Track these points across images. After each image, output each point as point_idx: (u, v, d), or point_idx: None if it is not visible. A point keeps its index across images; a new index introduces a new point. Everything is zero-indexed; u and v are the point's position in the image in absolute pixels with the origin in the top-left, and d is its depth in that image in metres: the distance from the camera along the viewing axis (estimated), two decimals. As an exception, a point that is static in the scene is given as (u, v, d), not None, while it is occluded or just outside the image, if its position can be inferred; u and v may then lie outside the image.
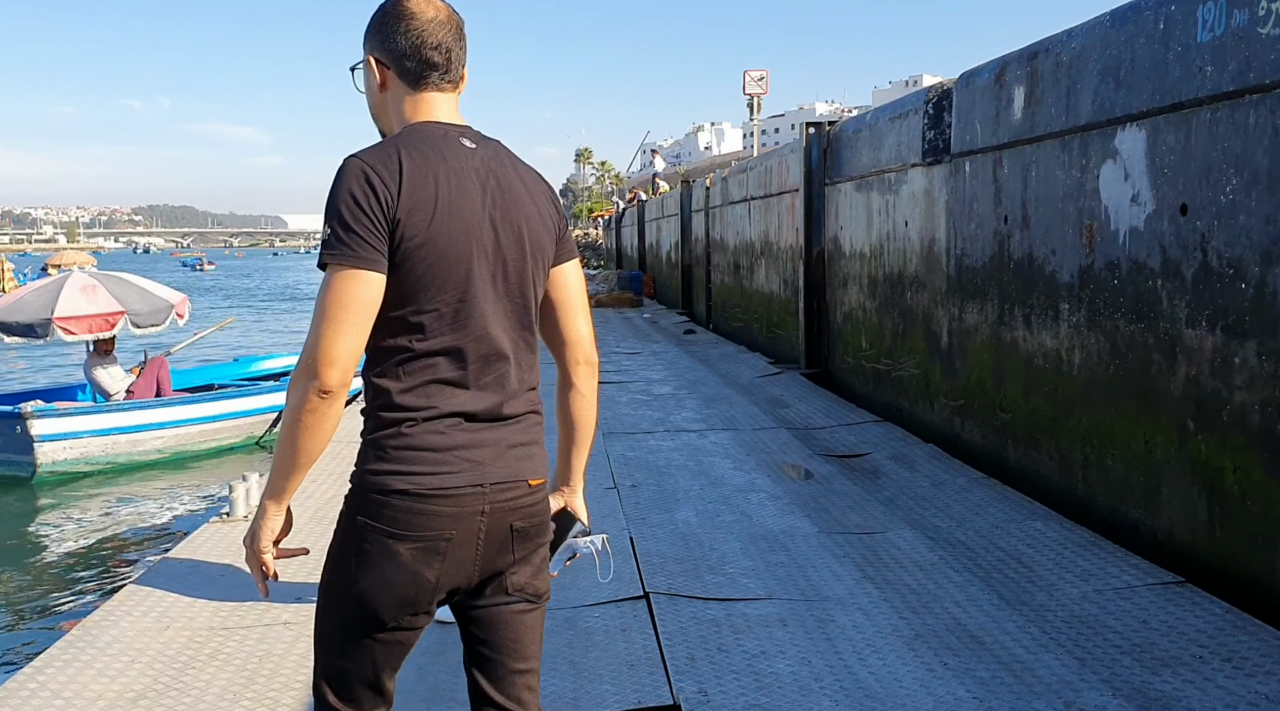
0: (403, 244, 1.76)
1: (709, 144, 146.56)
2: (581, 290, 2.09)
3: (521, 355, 1.92)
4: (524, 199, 1.93)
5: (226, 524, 5.45)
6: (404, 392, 1.81)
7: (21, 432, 9.09)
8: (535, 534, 1.94)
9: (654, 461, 6.83)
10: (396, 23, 1.90)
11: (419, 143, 1.84)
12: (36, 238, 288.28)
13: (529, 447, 1.93)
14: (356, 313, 1.73)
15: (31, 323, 9.58)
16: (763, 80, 23.96)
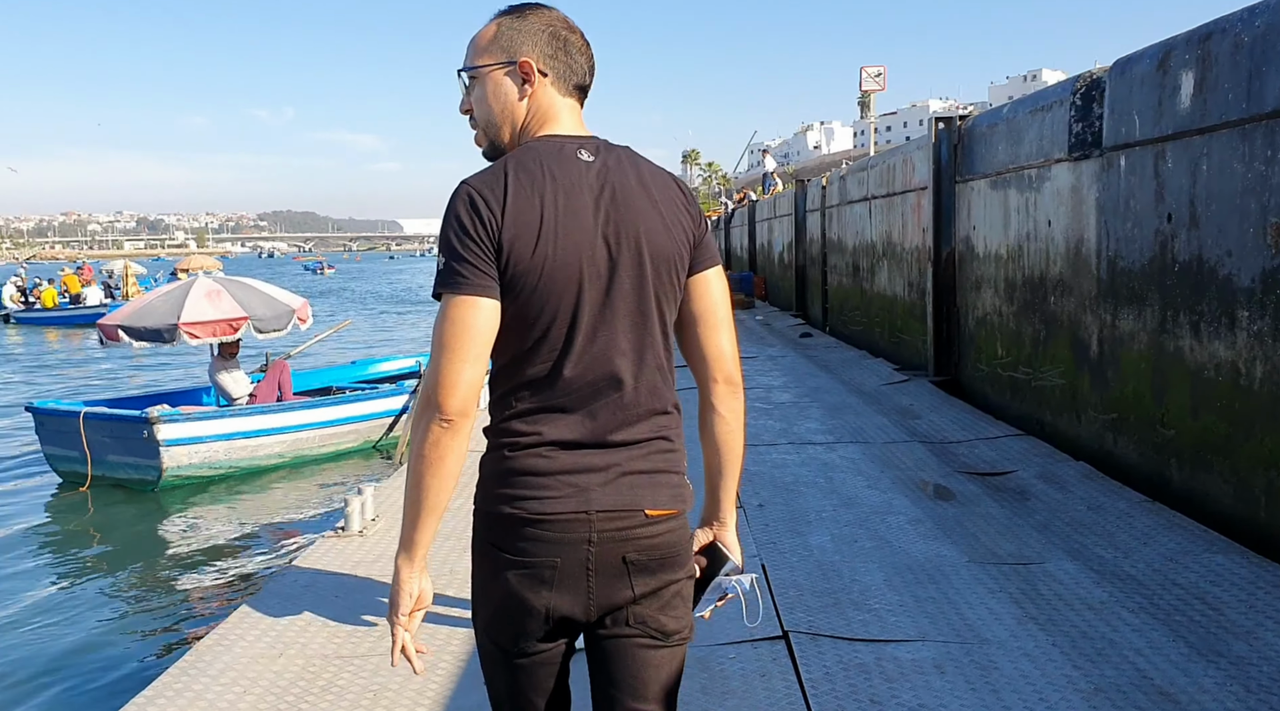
0: (509, 269, 1.71)
1: (818, 143, 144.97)
2: (723, 301, 1.92)
3: (644, 379, 1.80)
4: (645, 209, 1.80)
5: (341, 539, 5.31)
6: (513, 418, 1.77)
7: (148, 438, 9.24)
8: (658, 568, 1.80)
9: (780, 477, 6.47)
10: (549, 25, 1.86)
11: (531, 162, 1.77)
12: (169, 243, 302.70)
13: (651, 475, 1.80)
14: (472, 340, 1.69)
15: (159, 327, 9.76)
16: (880, 77, 23.25)
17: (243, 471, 10.03)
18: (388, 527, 5.59)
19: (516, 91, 1.85)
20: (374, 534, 5.45)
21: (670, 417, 1.85)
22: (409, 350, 18.02)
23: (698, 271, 1.88)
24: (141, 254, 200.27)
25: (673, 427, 1.85)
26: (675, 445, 1.85)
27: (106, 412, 9.56)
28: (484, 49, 1.87)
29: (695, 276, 1.88)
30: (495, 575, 1.76)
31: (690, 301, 1.88)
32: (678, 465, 1.85)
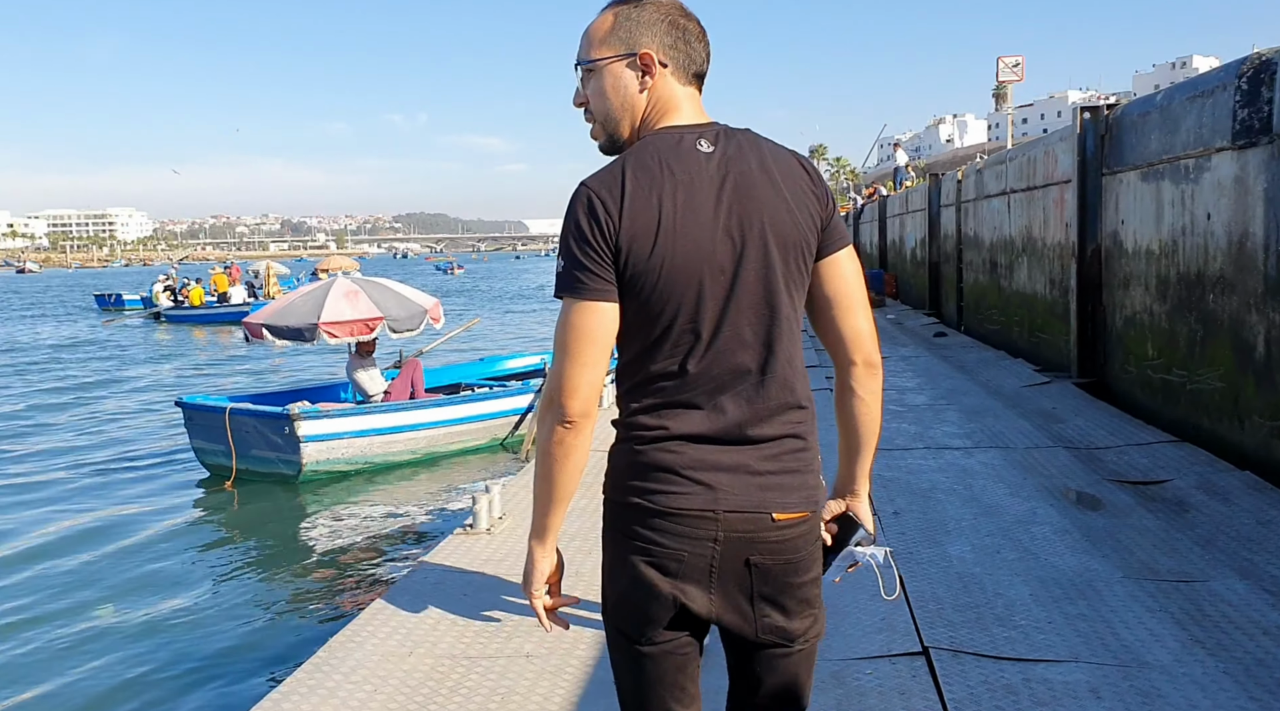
0: (628, 269, 1.71)
1: (951, 136, 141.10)
2: (856, 281, 1.86)
3: (773, 371, 1.77)
4: (768, 196, 1.76)
5: (470, 537, 5.34)
6: (640, 412, 1.77)
7: (289, 433, 9.56)
8: (783, 572, 1.77)
9: (916, 483, 6.22)
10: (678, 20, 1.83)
11: (650, 158, 1.74)
12: (310, 244, 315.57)
13: (780, 477, 1.77)
14: (590, 344, 1.72)
15: (300, 327, 10.10)
16: (1018, 67, 22.35)
17: (376, 467, 10.29)
18: (514, 525, 5.60)
19: (636, 83, 1.82)
20: (501, 532, 5.46)
21: (803, 412, 1.81)
22: (534, 348, 18.27)
23: (830, 253, 1.83)
24: (285, 255, 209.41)
25: (805, 423, 1.81)
26: (808, 443, 1.81)
27: (250, 408, 9.94)
28: (601, 41, 1.83)
29: (827, 259, 1.83)
30: (623, 561, 1.78)
31: (823, 284, 1.84)
32: (810, 464, 1.81)
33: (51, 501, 9.81)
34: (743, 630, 1.79)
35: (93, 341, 28.38)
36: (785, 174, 1.79)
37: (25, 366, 22.19)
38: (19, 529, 8.91)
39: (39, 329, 34.04)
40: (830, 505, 1.99)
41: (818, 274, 1.83)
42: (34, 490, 10.28)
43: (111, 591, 7.17)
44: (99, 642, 6.30)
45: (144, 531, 8.59)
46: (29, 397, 17.17)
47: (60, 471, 11.15)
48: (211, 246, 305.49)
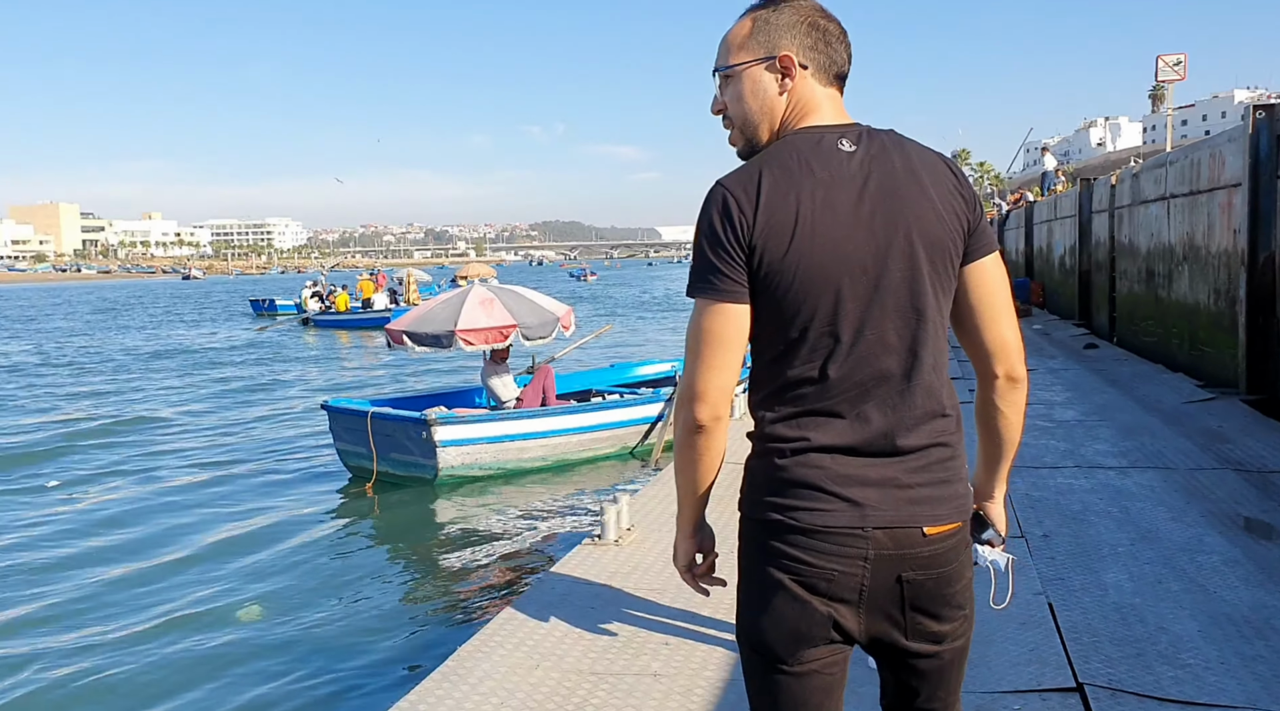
0: (762, 270, 1.66)
1: (1102, 140, 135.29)
2: (1002, 289, 1.80)
3: (918, 378, 1.70)
4: (914, 197, 1.70)
5: (597, 548, 5.29)
6: (777, 422, 1.72)
7: (427, 438, 9.75)
8: (935, 583, 1.72)
9: (1066, 505, 5.87)
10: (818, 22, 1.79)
11: (789, 157, 1.70)
12: (452, 252, 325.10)
13: (930, 488, 1.70)
14: (720, 346, 1.69)
15: (438, 334, 10.32)
16: (1179, 65, 21.07)
17: (509, 472, 10.39)
18: (642, 538, 5.52)
19: (776, 87, 1.79)
20: (629, 543, 5.39)
21: (949, 420, 1.75)
22: (666, 355, 18.25)
23: (976, 258, 1.76)
24: (428, 262, 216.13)
25: (952, 432, 1.75)
26: (956, 451, 1.75)
27: (391, 413, 10.18)
28: (740, 46, 1.81)
29: (974, 264, 1.76)
30: (764, 581, 1.72)
31: (968, 290, 1.77)
32: (959, 473, 1.75)
33: (201, 502, 10.21)
34: (895, 641, 1.74)
35: (250, 345, 29.78)
36: (931, 174, 1.73)
37: (188, 369, 23.41)
38: (167, 529, 9.30)
39: (200, 332, 35.96)
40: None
41: (963, 279, 1.76)
42: (184, 492, 10.72)
43: (252, 593, 7.37)
44: (237, 646, 6.44)
45: (286, 534, 8.85)
46: (188, 399, 18.10)
47: (211, 471, 11.63)
48: (360, 254, 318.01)
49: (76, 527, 9.30)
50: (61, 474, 11.62)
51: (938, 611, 1.74)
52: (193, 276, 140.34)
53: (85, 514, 9.82)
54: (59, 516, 9.73)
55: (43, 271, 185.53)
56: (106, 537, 8.94)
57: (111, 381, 21.18)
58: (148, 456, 12.59)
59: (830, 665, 1.74)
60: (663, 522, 5.88)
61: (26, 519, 9.63)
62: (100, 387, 20.06)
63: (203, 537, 8.87)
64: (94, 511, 9.90)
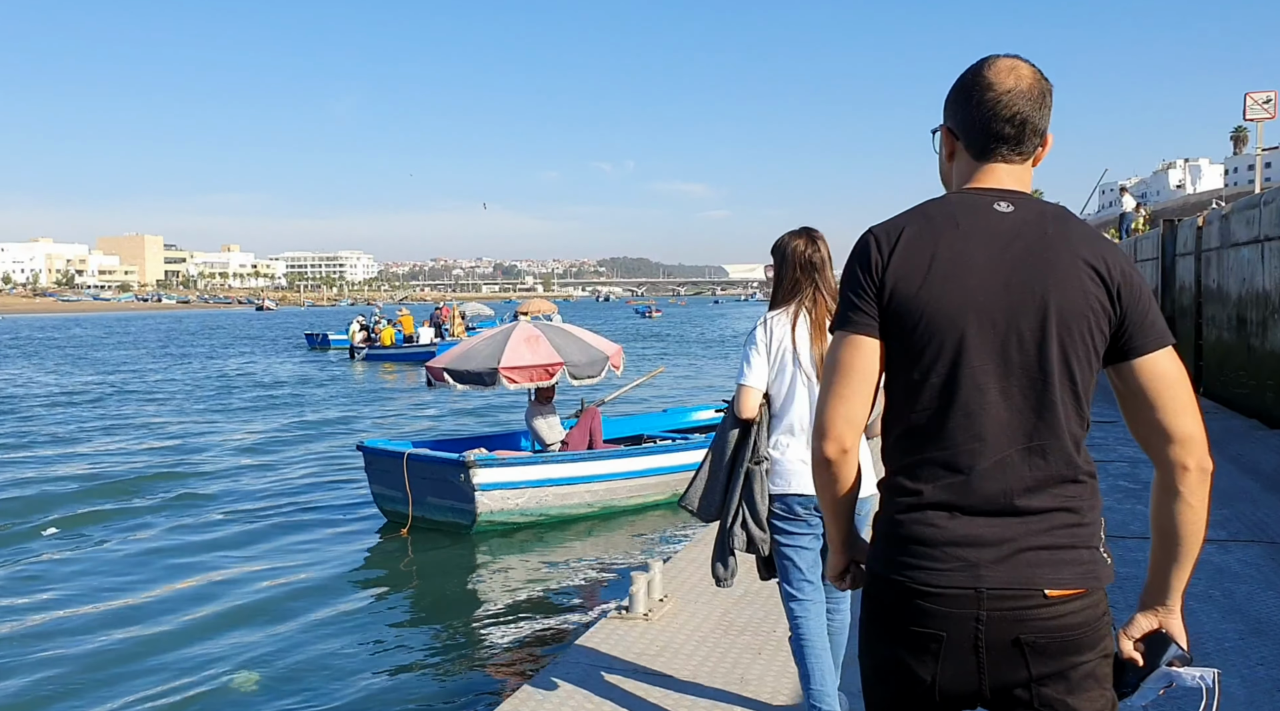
0: (891, 304, 1.72)
1: (1181, 182, 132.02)
2: (1177, 383, 1.72)
3: (1044, 439, 1.69)
4: (1063, 265, 1.70)
5: (625, 622, 4.76)
6: (899, 472, 1.75)
7: (465, 481, 9.29)
8: (1060, 650, 1.65)
9: (1159, 584, 5.19)
10: (972, 93, 1.80)
11: (937, 210, 1.78)
12: (519, 287, 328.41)
13: (1053, 552, 1.66)
14: (848, 377, 1.74)
15: (480, 371, 9.86)
16: (1269, 103, 20.09)
17: (551, 519, 9.89)
18: (677, 610, 4.97)
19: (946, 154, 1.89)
20: (660, 617, 4.85)
21: (1079, 487, 1.70)
22: (721, 399, 17.61)
23: (1142, 353, 1.72)
24: (495, 297, 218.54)
25: (1082, 497, 1.70)
26: (1084, 518, 1.70)
27: (427, 454, 9.76)
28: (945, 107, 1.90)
29: (1144, 358, 1.72)
30: (878, 642, 1.74)
31: (1136, 382, 1.73)
32: (1088, 540, 1.70)
33: (225, 545, 9.79)
34: (1024, 707, 1.67)
35: (294, 379, 29.49)
36: (1084, 251, 1.71)
37: (228, 403, 23.06)
38: (186, 571, 8.95)
39: (251, 365, 35.90)
40: (1138, 620, 1.82)
41: (1134, 373, 1.73)
42: (209, 532, 10.30)
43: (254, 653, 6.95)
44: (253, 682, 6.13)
45: (308, 585, 8.30)
46: (222, 434, 17.76)
47: (238, 512, 11.20)
48: (429, 287, 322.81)
49: (97, 568, 9.01)
50: (88, 508, 11.37)
51: (1071, 684, 1.66)
52: (266, 307, 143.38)
53: (104, 553, 9.52)
54: (82, 557, 9.46)
55: (125, 301, 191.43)
56: (125, 579, 8.62)
57: (149, 414, 20.97)
58: (175, 495, 12.16)
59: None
60: (700, 591, 5.33)
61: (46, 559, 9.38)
62: (134, 420, 19.87)
63: (220, 583, 8.48)
64: (114, 552, 9.60)
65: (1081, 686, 1.66)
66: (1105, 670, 1.71)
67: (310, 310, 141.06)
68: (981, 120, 1.79)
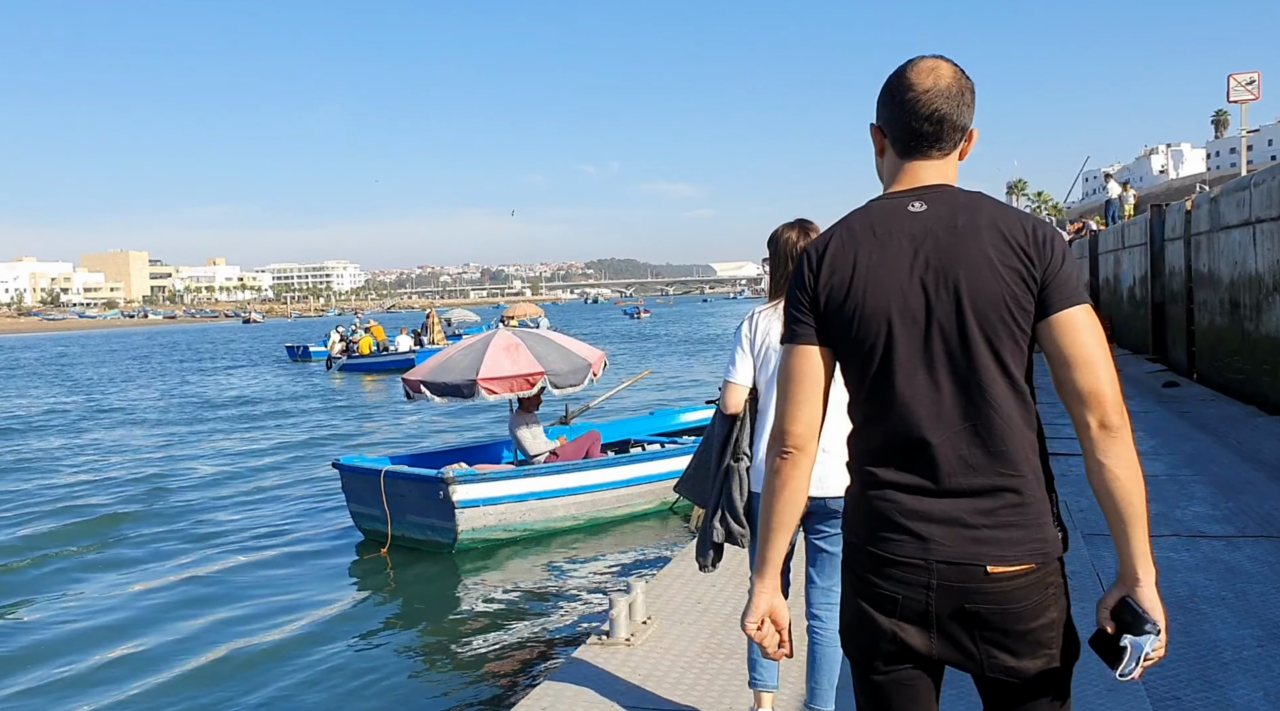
0: (827, 315, 1.87)
1: (1164, 167, 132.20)
2: (1088, 339, 1.78)
3: (979, 421, 1.79)
4: (970, 252, 1.81)
5: (605, 648, 4.47)
6: (857, 456, 1.92)
7: (444, 498, 8.97)
8: (1006, 621, 1.78)
9: (1170, 587, 4.92)
10: (895, 93, 1.91)
11: (859, 219, 1.91)
12: (507, 292, 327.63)
13: (996, 531, 1.78)
14: (797, 383, 1.89)
15: (458, 383, 9.54)
16: (1253, 84, 19.90)
17: (536, 533, 9.58)
18: (661, 632, 4.69)
19: (877, 151, 2.01)
20: (643, 642, 4.56)
21: (1020, 466, 1.80)
22: (711, 397, 17.33)
23: (1053, 312, 1.80)
24: (483, 302, 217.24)
25: (1023, 476, 1.80)
26: (1028, 498, 1.80)
27: (405, 471, 9.43)
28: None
29: (1052, 317, 1.80)
30: (852, 595, 1.91)
31: (1053, 342, 1.80)
32: (1035, 518, 1.80)
33: (194, 566, 9.52)
34: (969, 668, 1.84)
35: (271, 392, 28.83)
36: (996, 234, 1.81)
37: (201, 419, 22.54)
38: (165, 588, 8.71)
39: (228, 379, 35.28)
40: (1110, 592, 1.86)
41: (1044, 332, 1.80)
42: (178, 554, 10.01)
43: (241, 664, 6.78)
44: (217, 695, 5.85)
45: (281, 609, 7.97)
46: (193, 450, 17.33)
47: (209, 532, 10.84)
48: (417, 295, 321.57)
49: (64, 587, 8.69)
50: (54, 528, 11.05)
51: (1013, 646, 1.79)
52: (252, 320, 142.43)
53: (75, 577, 9.21)
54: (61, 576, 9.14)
55: (111, 318, 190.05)
56: (95, 605, 8.31)
57: (122, 433, 20.41)
58: (146, 516, 11.74)
59: (912, 677, 1.87)
60: (686, 610, 5.05)
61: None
62: (107, 439, 19.35)
63: (191, 606, 8.18)
64: (83, 576, 9.28)
65: (1024, 650, 1.79)
66: (1049, 635, 1.81)
67: (297, 321, 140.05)
68: (903, 119, 1.89)
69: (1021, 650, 1.79)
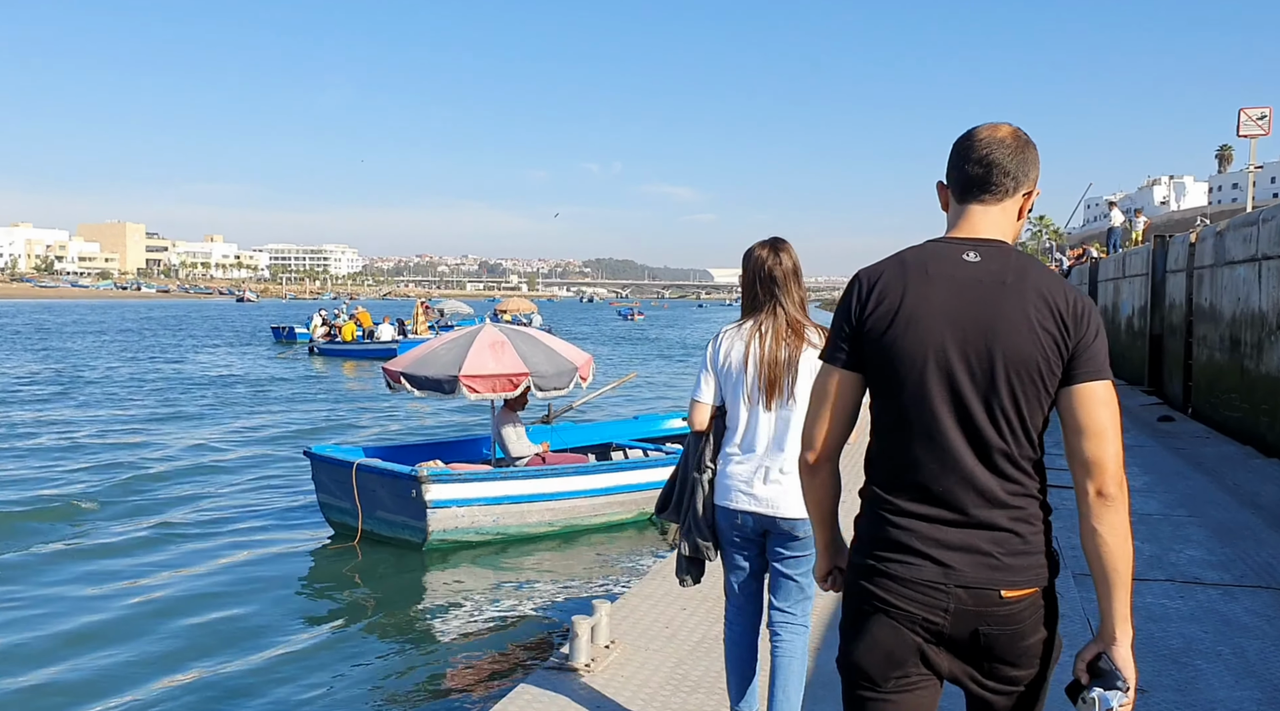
0: (866, 344, 2.01)
1: (1165, 198, 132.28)
2: (1102, 414, 1.91)
3: (993, 464, 1.94)
4: (1010, 310, 1.93)
5: (562, 674, 4.19)
6: (878, 482, 2.03)
7: (416, 496, 8.69)
8: (1011, 640, 1.95)
9: (1163, 640, 4.68)
10: (957, 144, 2.09)
11: (914, 257, 2.03)
12: (504, 286, 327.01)
13: (1008, 558, 1.93)
14: (824, 401, 2.08)
15: (439, 378, 9.23)
16: (1264, 119, 19.72)
17: (509, 538, 9.31)
18: (624, 660, 4.42)
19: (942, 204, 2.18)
20: (604, 668, 4.30)
21: (1023, 511, 1.96)
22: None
23: (1075, 383, 1.93)
24: (480, 295, 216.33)
25: (1026, 520, 1.96)
26: (1034, 529, 1.96)
27: (379, 466, 9.14)
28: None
29: (1072, 387, 1.93)
30: (862, 616, 2.01)
31: (1068, 410, 1.93)
32: (1035, 548, 1.96)
33: (159, 550, 9.27)
34: (974, 685, 2.00)
35: (252, 374, 28.51)
36: (1037, 296, 1.93)
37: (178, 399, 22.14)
38: (126, 573, 8.45)
39: (211, 359, 34.87)
40: (1089, 645, 1.98)
41: (1064, 399, 1.94)
42: (142, 538, 9.74)
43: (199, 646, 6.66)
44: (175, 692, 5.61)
45: (243, 597, 7.77)
46: (168, 432, 16.93)
47: (177, 517, 10.55)
48: (414, 284, 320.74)
49: (23, 580, 8.39)
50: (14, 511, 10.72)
51: (1014, 660, 1.97)
52: (246, 299, 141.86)
53: (34, 567, 8.89)
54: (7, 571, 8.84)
55: (104, 288, 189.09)
56: (50, 591, 8.01)
57: (94, 413, 19.71)
58: (101, 499, 11.34)
59: (919, 695, 1.99)
60: (654, 634, 4.78)
61: None
62: (79, 419, 18.70)
63: (151, 595, 7.91)
64: (42, 560, 8.98)
65: (1020, 663, 1.97)
66: (1039, 649, 1.98)
67: (292, 303, 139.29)
68: (958, 162, 2.06)
69: (1020, 662, 1.98)
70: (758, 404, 3.32)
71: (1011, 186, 2.03)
